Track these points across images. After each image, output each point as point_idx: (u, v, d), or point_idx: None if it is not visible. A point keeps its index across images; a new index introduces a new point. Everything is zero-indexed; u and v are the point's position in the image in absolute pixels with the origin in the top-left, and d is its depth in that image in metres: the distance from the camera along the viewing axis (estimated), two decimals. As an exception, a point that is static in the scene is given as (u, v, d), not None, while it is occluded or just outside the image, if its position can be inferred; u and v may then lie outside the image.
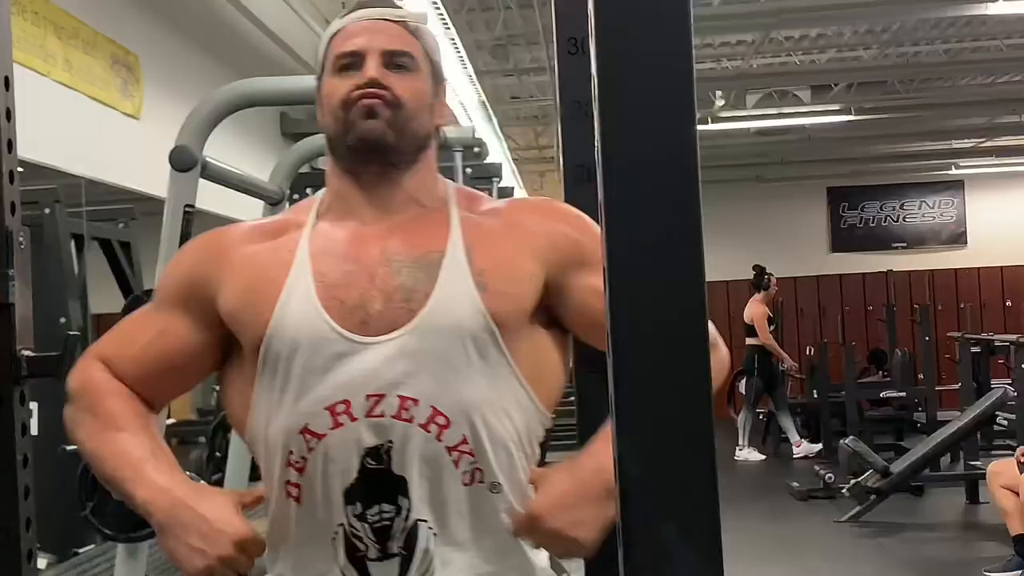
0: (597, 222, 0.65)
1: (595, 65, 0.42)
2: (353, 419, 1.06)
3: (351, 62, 1.10)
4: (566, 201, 1.22)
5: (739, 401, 8.29)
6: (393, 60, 1.10)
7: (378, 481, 1.07)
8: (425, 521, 1.08)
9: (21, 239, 1.21)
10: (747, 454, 7.79)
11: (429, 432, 1.06)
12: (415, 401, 1.05)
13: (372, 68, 1.09)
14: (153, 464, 1.07)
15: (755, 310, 7.93)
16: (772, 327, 8.15)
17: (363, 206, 1.11)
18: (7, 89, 1.18)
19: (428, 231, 1.10)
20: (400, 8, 1.19)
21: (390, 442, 1.06)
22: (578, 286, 1.10)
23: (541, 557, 1.16)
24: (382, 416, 1.06)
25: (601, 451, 1.00)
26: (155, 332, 1.13)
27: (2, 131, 1.17)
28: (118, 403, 1.10)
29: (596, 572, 1.22)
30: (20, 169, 1.17)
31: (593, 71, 0.43)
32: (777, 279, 8.32)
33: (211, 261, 1.14)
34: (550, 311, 1.12)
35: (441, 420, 1.06)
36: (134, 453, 1.07)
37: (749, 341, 7.91)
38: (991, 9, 5.61)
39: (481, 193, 1.29)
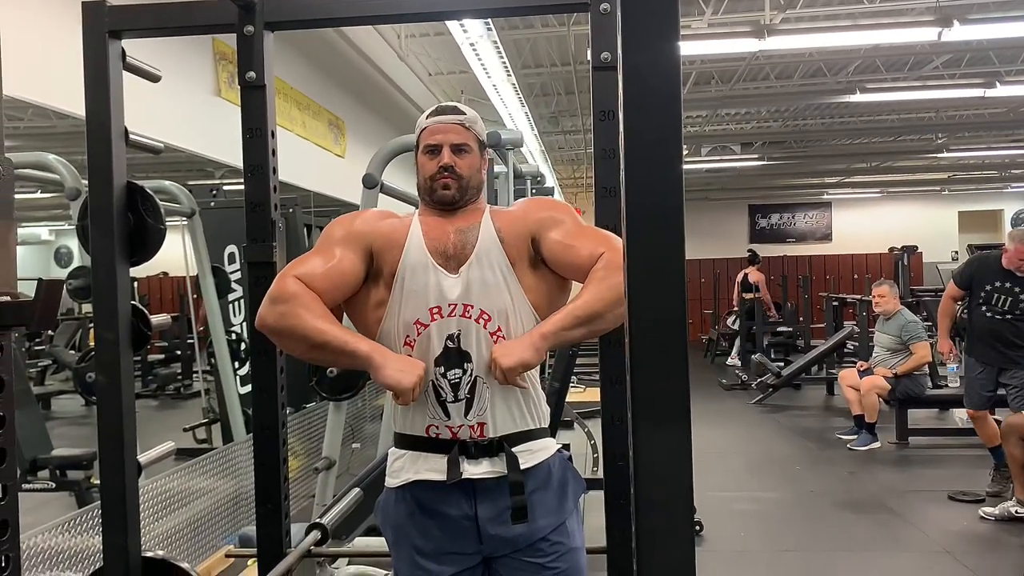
0: (617, 224, 1.46)
1: (622, 127, 0.58)
2: (442, 316, 1.49)
3: (433, 149, 1.55)
4: (596, 209, 1.58)
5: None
6: (457, 147, 1.55)
7: (454, 354, 1.49)
8: (481, 378, 1.49)
9: (280, 225, 1.70)
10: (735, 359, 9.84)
11: (480, 324, 1.49)
12: (472, 306, 1.49)
13: (446, 156, 1.54)
14: (359, 336, 1.49)
15: (758, 276, 10.41)
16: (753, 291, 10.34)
17: (442, 215, 1.57)
18: (273, 137, 1.69)
19: (473, 217, 1.56)
20: (461, 113, 1.60)
21: (459, 331, 1.49)
22: (548, 237, 1.52)
23: (543, 403, 1.59)
24: (455, 315, 1.49)
25: (537, 327, 1.47)
26: (335, 261, 1.49)
27: (270, 162, 1.69)
28: (320, 305, 1.45)
29: (610, 432, 1.62)
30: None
31: (621, 131, 0.58)
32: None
33: (364, 224, 1.56)
34: (540, 257, 1.53)
35: (486, 317, 1.49)
36: (345, 332, 1.46)
37: (747, 295, 10.16)
38: (852, 99, 7.27)
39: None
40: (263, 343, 1.71)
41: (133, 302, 1.71)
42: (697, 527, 3.79)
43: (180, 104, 3.69)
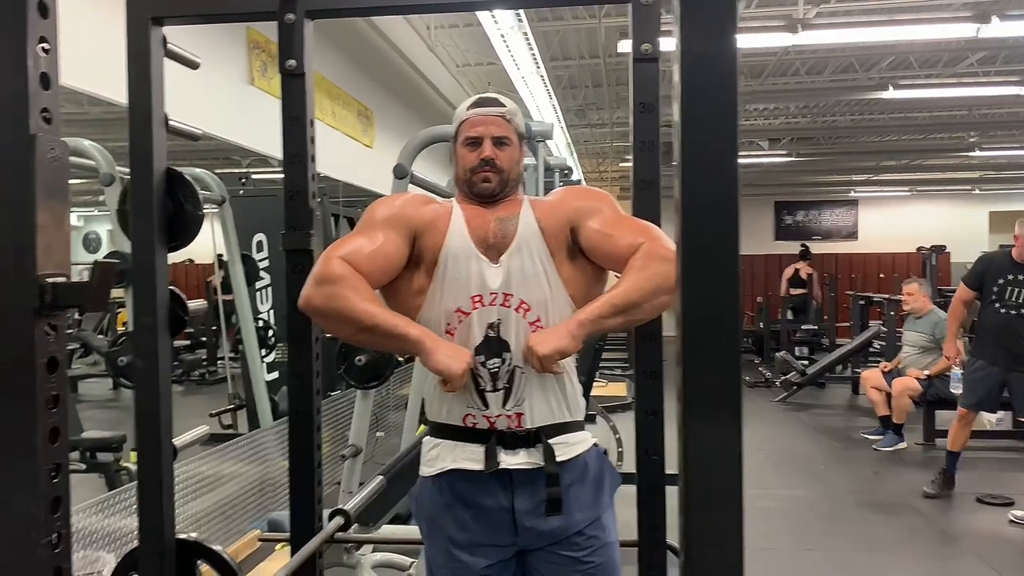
0: (656, 217, 1.49)
1: (679, 119, 0.57)
2: (483, 305, 1.48)
3: (474, 141, 1.55)
4: (634, 201, 1.56)
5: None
6: (498, 140, 1.55)
7: (493, 342, 1.49)
8: (519, 367, 1.48)
9: (318, 214, 1.73)
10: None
11: (519, 314, 1.48)
12: (512, 296, 1.48)
13: (487, 149, 1.53)
14: (408, 320, 1.46)
15: (810, 271, 10.42)
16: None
17: (482, 205, 1.57)
18: (312, 126, 1.71)
19: (513, 207, 1.55)
20: (502, 106, 1.60)
21: (499, 320, 1.48)
22: (587, 226, 1.50)
23: (580, 395, 1.60)
24: (496, 304, 1.48)
25: (574, 315, 1.46)
26: (380, 242, 1.48)
27: (309, 150, 1.70)
28: (367, 287, 1.43)
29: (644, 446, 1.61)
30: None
31: (677, 121, 0.58)
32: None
33: (407, 208, 1.55)
34: (578, 247, 1.52)
35: (526, 306, 1.48)
36: (395, 315, 1.44)
37: (795, 291, 10.26)
38: (884, 95, 7.23)
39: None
40: (299, 328, 1.72)
41: (171, 287, 1.72)
42: (721, 524, 3.77)
43: (213, 92, 3.72)
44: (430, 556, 1.58)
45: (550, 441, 1.49)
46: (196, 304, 1.84)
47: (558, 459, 1.48)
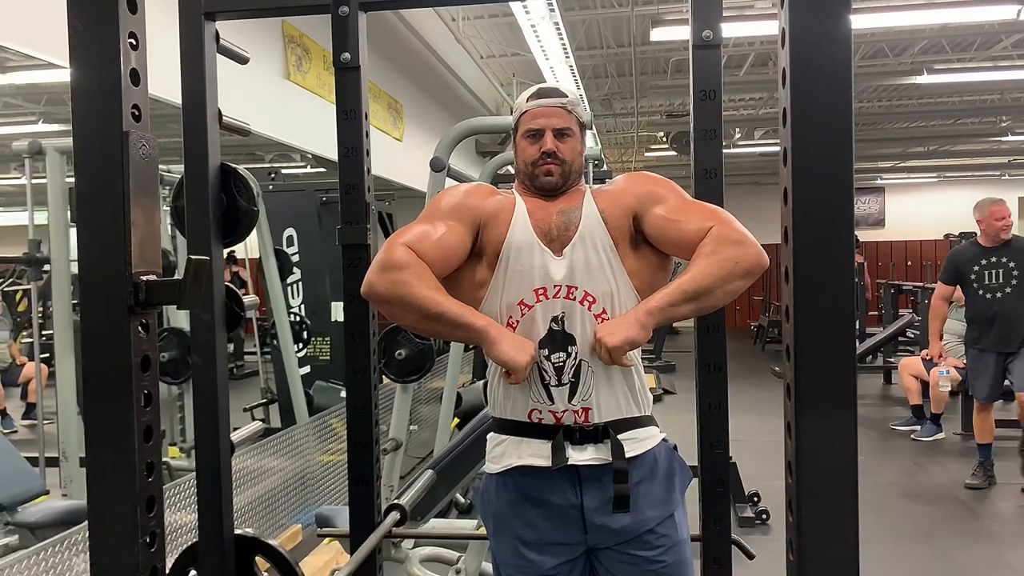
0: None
1: (789, 103, 0.69)
2: (547, 298, 1.46)
3: (535, 133, 1.53)
4: (696, 191, 1.57)
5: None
6: (560, 132, 1.53)
7: (559, 336, 1.46)
8: (585, 361, 1.46)
9: (374, 208, 1.79)
10: None
11: (584, 306, 1.46)
12: (576, 288, 1.46)
13: (549, 142, 1.52)
14: (473, 309, 1.45)
15: (859, 260, 10.00)
16: None
17: (544, 197, 1.55)
18: (366, 119, 1.76)
19: (575, 198, 1.53)
20: (563, 96, 1.56)
21: (563, 313, 1.46)
22: (652, 212, 1.47)
23: (647, 389, 1.55)
24: (560, 297, 1.46)
25: (642, 303, 1.42)
26: (444, 231, 1.46)
27: (364, 144, 1.74)
28: (432, 275, 1.41)
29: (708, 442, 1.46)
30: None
31: (788, 104, 0.70)
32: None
33: (472, 199, 1.53)
34: (642, 235, 1.49)
35: (590, 299, 1.46)
36: (460, 305, 1.42)
37: None
38: (918, 80, 7.23)
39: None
40: (358, 323, 1.72)
41: (227, 283, 1.71)
42: (764, 515, 3.76)
43: (249, 87, 3.71)
44: (497, 554, 1.56)
45: (619, 436, 1.46)
46: (249, 299, 1.84)
47: (627, 455, 1.45)
